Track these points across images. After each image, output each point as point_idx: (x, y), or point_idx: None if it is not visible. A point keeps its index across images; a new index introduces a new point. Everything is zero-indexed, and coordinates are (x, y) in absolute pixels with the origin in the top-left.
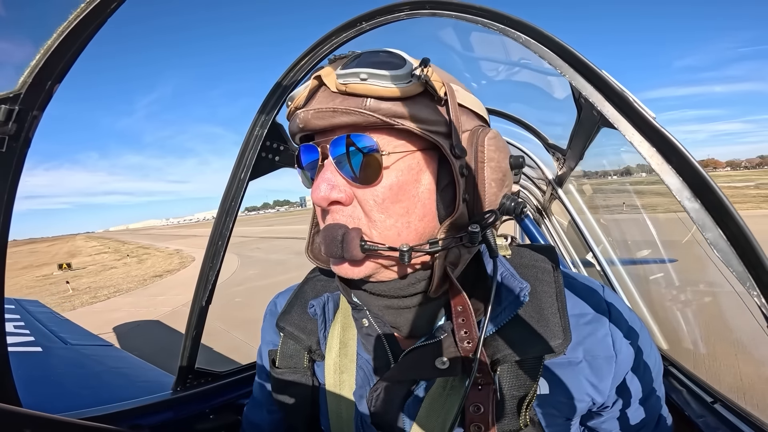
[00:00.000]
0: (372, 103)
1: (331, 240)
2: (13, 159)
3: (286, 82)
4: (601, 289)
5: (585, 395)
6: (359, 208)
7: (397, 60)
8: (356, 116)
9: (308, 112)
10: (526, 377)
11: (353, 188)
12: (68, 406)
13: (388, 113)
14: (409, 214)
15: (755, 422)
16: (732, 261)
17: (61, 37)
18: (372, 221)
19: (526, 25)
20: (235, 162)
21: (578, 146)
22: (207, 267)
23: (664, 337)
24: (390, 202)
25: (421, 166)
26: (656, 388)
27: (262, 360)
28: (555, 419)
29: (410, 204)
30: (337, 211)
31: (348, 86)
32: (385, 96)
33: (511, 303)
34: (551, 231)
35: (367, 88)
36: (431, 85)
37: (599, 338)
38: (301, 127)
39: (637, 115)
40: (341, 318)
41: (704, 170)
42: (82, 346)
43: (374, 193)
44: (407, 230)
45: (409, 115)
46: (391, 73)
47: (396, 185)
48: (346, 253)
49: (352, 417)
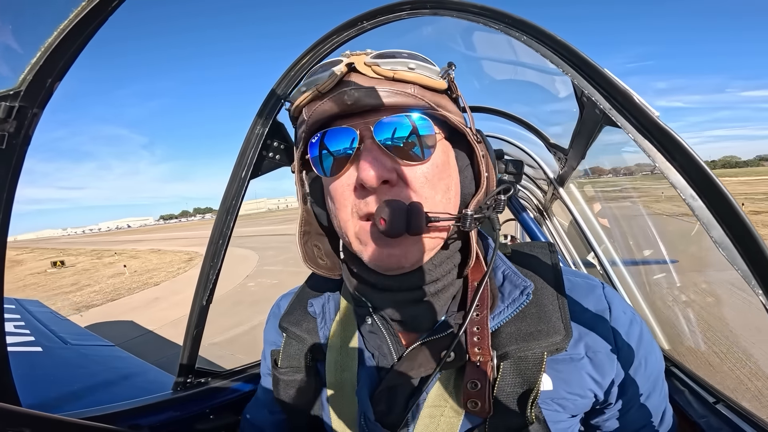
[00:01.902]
0: (419, 90)
1: (396, 213)
2: (13, 156)
3: (286, 81)
4: (600, 286)
5: (588, 391)
6: (405, 187)
7: (428, 59)
8: (409, 98)
9: (359, 90)
10: (529, 373)
11: (402, 167)
12: (68, 405)
13: (432, 100)
14: (449, 191)
15: (758, 422)
16: (737, 260)
17: (62, 35)
18: (422, 197)
19: (528, 24)
20: (235, 161)
21: (580, 145)
22: (208, 266)
23: (666, 337)
24: (437, 179)
25: (449, 149)
26: (659, 385)
27: (265, 361)
28: (560, 416)
29: (449, 181)
30: (385, 192)
31: (396, 73)
32: (428, 86)
33: (514, 300)
34: (552, 231)
35: (415, 76)
36: (454, 85)
37: (600, 334)
38: (349, 104)
39: (641, 114)
40: (342, 316)
41: (709, 169)
42: (82, 346)
43: (424, 170)
44: (449, 205)
45: (443, 105)
46: (432, 68)
47: (440, 164)
48: (413, 226)
49: (355, 415)
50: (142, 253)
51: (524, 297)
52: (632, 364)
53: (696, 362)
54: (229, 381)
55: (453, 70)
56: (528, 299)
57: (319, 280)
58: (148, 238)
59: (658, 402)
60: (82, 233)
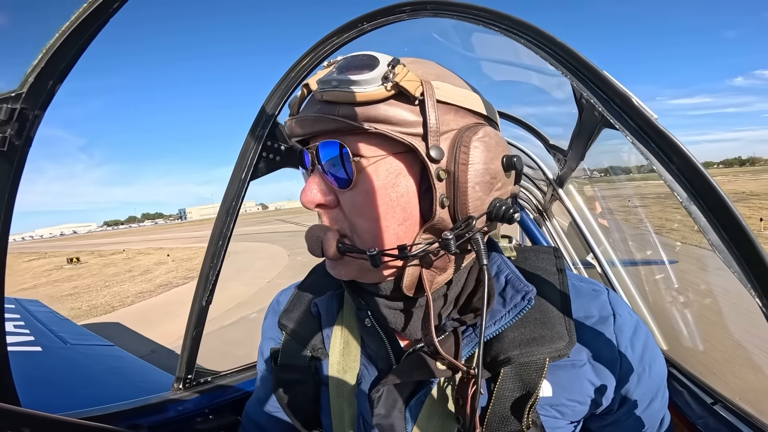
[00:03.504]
0: (344, 110)
1: (311, 240)
2: (15, 158)
3: (286, 83)
4: (605, 291)
5: (588, 397)
6: (340, 212)
7: (371, 62)
8: (331, 123)
9: (292, 120)
10: (530, 379)
11: (336, 193)
12: (67, 405)
13: (361, 118)
14: (386, 219)
15: (756, 423)
16: (733, 263)
17: (63, 37)
18: (352, 225)
19: (528, 26)
20: (236, 162)
21: (579, 147)
22: (207, 267)
23: (664, 338)
24: (366, 207)
25: (400, 169)
26: (661, 392)
27: (263, 357)
28: (558, 422)
29: (387, 208)
30: (324, 215)
31: (324, 94)
32: (356, 101)
33: (515, 305)
34: (552, 232)
35: (337, 95)
36: (402, 87)
37: (603, 341)
38: (288, 134)
39: (639, 116)
40: (345, 316)
41: (707, 172)
42: (82, 346)
43: (352, 197)
44: (386, 234)
45: (383, 118)
46: (360, 78)
47: (372, 190)
48: (326, 253)
49: (353, 417)
50: (152, 251)
51: (525, 302)
52: (635, 371)
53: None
54: (228, 381)
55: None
56: (530, 304)
57: (320, 278)
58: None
59: (659, 408)
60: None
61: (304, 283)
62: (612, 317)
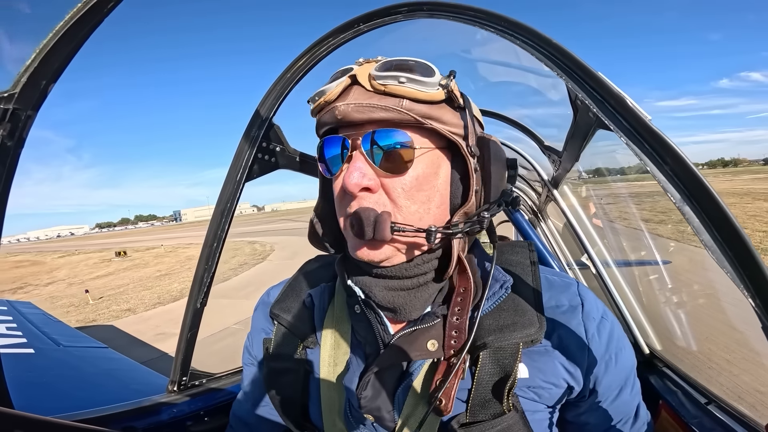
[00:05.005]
0: (407, 104)
1: (364, 221)
2: (7, 159)
3: (282, 84)
4: (575, 284)
5: (562, 380)
6: (385, 195)
7: (427, 69)
8: (393, 113)
9: (348, 105)
10: (506, 362)
11: (382, 177)
12: (61, 407)
13: (420, 114)
14: (429, 202)
15: (749, 423)
16: (726, 263)
17: (57, 37)
18: (398, 207)
19: (523, 27)
20: (231, 163)
21: (574, 148)
22: (202, 269)
23: (658, 338)
24: (415, 191)
25: (441, 161)
26: (630, 383)
27: (251, 350)
28: (537, 405)
29: (431, 193)
30: (365, 198)
31: (387, 87)
32: (419, 99)
33: (494, 294)
34: (546, 233)
35: (405, 90)
36: (454, 94)
37: (573, 327)
38: (339, 118)
39: (634, 117)
40: (336, 307)
41: (700, 172)
42: (75, 348)
43: (402, 181)
44: (427, 215)
45: (437, 117)
46: (425, 80)
47: (421, 176)
48: (378, 234)
49: (341, 404)
50: (184, 246)
51: (503, 291)
52: (602, 358)
53: None
54: (223, 383)
55: (452, 79)
56: (506, 293)
57: (313, 271)
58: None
59: (630, 399)
60: (17, 242)
61: (295, 276)
62: (581, 306)
